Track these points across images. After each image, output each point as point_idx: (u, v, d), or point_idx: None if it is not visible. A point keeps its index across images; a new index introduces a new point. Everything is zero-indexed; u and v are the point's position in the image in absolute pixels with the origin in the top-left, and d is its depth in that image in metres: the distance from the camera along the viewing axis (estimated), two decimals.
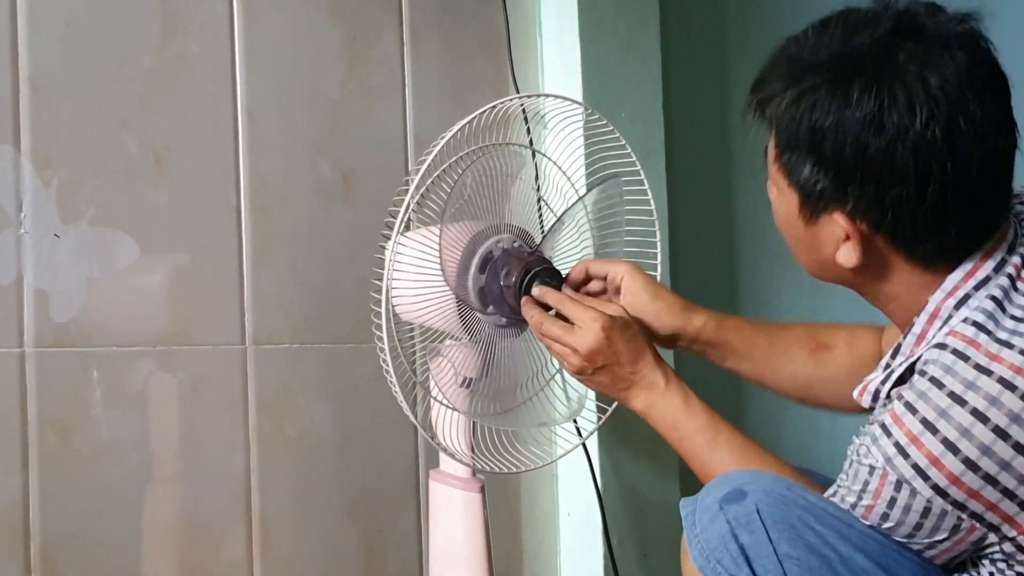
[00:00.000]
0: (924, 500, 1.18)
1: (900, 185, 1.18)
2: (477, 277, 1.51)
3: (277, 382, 1.73)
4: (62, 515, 1.50)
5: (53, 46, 1.53)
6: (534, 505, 2.09)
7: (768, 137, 1.30)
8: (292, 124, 1.78)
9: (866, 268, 1.25)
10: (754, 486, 1.24)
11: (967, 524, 1.19)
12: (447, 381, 1.53)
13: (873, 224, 1.21)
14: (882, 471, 1.20)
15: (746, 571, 1.21)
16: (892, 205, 1.19)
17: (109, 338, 1.56)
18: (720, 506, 1.23)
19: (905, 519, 1.20)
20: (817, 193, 1.22)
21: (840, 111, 1.19)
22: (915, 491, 1.18)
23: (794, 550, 1.20)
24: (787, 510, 1.22)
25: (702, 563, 1.23)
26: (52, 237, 1.51)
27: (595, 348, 1.45)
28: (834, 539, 1.21)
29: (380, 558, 1.84)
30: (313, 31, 1.82)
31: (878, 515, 1.22)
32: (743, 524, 1.21)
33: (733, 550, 1.21)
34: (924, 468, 1.17)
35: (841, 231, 1.23)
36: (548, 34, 2.17)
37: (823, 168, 1.21)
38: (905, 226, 1.20)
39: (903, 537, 1.22)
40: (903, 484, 1.18)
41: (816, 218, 1.25)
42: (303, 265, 1.78)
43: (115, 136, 1.58)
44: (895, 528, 1.22)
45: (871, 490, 1.21)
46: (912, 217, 1.19)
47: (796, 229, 1.29)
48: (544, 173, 1.68)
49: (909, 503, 1.19)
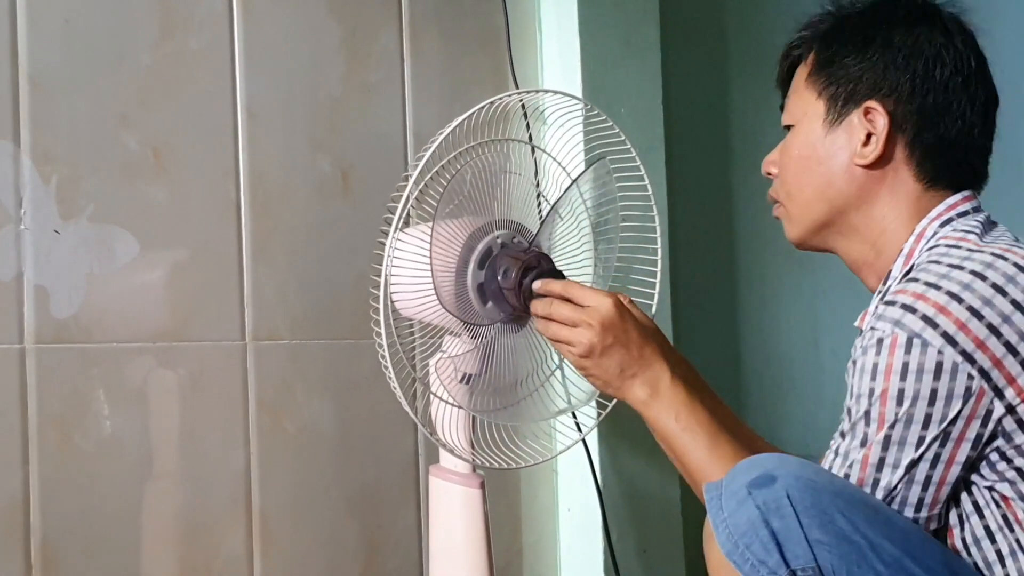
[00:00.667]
0: (935, 353, 1.24)
1: (933, 91, 1.39)
2: (476, 273, 1.51)
3: (277, 378, 1.73)
4: (62, 511, 1.50)
5: (52, 42, 1.53)
6: (534, 501, 2.10)
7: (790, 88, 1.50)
8: (291, 120, 1.78)
9: (874, 176, 1.41)
10: (783, 471, 1.22)
11: (977, 386, 1.24)
12: (447, 377, 1.53)
13: (902, 112, 1.39)
14: (891, 336, 1.25)
15: (776, 557, 1.19)
16: (927, 96, 1.39)
17: (109, 334, 1.56)
18: (749, 491, 1.22)
19: (919, 388, 1.24)
20: (851, 88, 1.41)
21: (888, 27, 1.42)
22: (926, 343, 1.24)
23: (825, 536, 1.19)
24: (817, 495, 1.21)
25: (730, 548, 1.21)
26: (52, 233, 1.51)
27: (608, 321, 1.45)
28: (863, 525, 1.20)
29: (380, 554, 1.85)
30: (312, 27, 1.82)
31: (892, 403, 1.25)
32: (773, 509, 1.20)
33: (763, 535, 1.20)
34: (932, 316, 1.25)
35: (863, 131, 1.40)
36: (548, 30, 2.17)
37: (868, 59, 1.40)
38: (924, 125, 1.39)
39: (920, 424, 1.25)
40: (913, 340, 1.24)
41: (840, 120, 1.42)
42: (303, 261, 1.78)
43: (115, 132, 1.58)
44: (912, 412, 1.24)
45: (880, 372, 1.26)
46: (933, 119, 1.39)
47: (811, 148, 1.44)
48: (544, 169, 1.68)
49: (921, 362, 1.24)
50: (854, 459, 1.29)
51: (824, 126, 1.43)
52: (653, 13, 2.27)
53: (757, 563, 1.20)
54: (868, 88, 1.40)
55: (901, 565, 1.20)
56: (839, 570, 1.19)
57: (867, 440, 1.28)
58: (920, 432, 1.26)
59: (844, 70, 1.42)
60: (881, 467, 1.27)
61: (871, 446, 1.28)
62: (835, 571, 1.19)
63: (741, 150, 2.96)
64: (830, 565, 1.19)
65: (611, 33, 2.19)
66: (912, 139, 1.40)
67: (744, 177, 2.95)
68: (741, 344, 2.89)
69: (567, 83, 2.12)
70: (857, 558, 1.19)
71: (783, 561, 1.19)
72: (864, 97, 1.40)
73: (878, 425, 1.27)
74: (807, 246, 1.51)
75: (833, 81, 1.43)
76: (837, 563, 1.19)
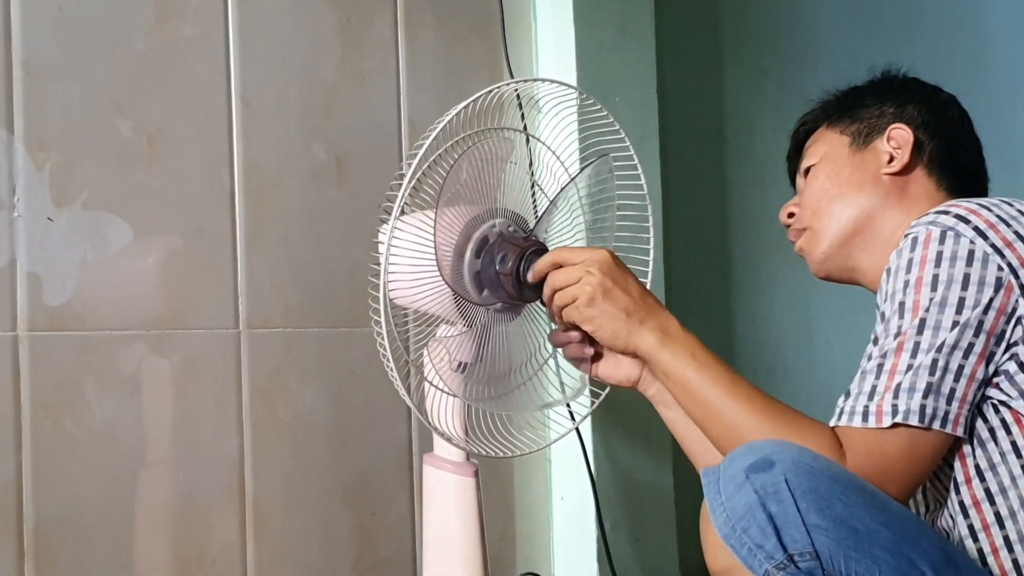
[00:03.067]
0: (967, 243, 1.31)
1: (948, 124, 1.56)
2: (473, 262, 1.51)
3: (270, 366, 1.73)
4: (55, 498, 1.50)
5: (46, 29, 1.52)
6: (527, 489, 2.10)
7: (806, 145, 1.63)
8: (286, 108, 1.78)
9: (898, 182, 1.51)
10: (781, 456, 1.23)
11: (1006, 279, 1.30)
12: (442, 365, 1.53)
13: (925, 133, 1.53)
14: (925, 233, 1.33)
15: (774, 541, 1.19)
16: (939, 126, 1.55)
17: (103, 322, 1.56)
18: (747, 475, 1.22)
19: (953, 273, 1.30)
20: (873, 123, 1.55)
21: (901, 83, 1.61)
22: (959, 234, 1.31)
23: (823, 521, 1.19)
24: (815, 481, 1.21)
25: (727, 532, 1.22)
26: (45, 220, 1.50)
27: (605, 266, 1.45)
28: (861, 511, 1.21)
29: (373, 542, 1.85)
30: (307, 15, 1.82)
31: (927, 289, 1.30)
32: (771, 493, 1.20)
33: (761, 519, 1.20)
34: (964, 215, 1.33)
35: (886, 154, 1.52)
36: (542, 18, 2.16)
37: (887, 102, 1.56)
38: (941, 147, 1.53)
39: (954, 309, 1.29)
40: (947, 232, 1.32)
41: (866, 146, 1.55)
42: (297, 249, 1.78)
43: (108, 119, 1.58)
44: (947, 295, 1.29)
45: (915, 264, 1.32)
46: (949, 138, 1.54)
47: (838, 167, 1.55)
48: (538, 158, 1.68)
49: (954, 250, 1.31)
50: (888, 348, 1.32)
51: (850, 151, 1.56)
52: (648, 1, 2.27)
53: (754, 547, 1.20)
54: (890, 120, 1.55)
55: (898, 550, 1.21)
56: (836, 555, 1.19)
57: (901, 330, 1.32)
58: (954, 316, 1.30)
59: (867, 110, 1.57)
60: (916, 352, 1.30)
61: (905, 333, 1.31)
62: (832, 556, 1.19)
63: (736, 138, 2.96)
64: (827, 550, 1.19)
65: (606, 21, 2.18)
66: (930, 159, 1.53)
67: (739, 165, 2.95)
68: (735, 333, 2.89)
69: (562, 71, 2.12)
70: (854, 543, 1.20)
71: (780, 545, 1.19)
72: (886, 127, 1.54)
73: (912, 313, 1.31)
74: (831, 266, 1.56)
75: (856, 119, 1.57)
76: (834, 548, 1.19)
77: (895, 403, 1.30)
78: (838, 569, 1.19)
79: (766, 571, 1.20)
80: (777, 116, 2.99)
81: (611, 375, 1.57)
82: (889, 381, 1.31)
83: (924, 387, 1.29)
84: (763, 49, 3.04)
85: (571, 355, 1.56)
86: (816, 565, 1.19)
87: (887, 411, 1.30)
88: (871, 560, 1.19)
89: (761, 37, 3.04)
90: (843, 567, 1.19)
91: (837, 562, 1.19)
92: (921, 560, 1.21)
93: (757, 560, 1.20)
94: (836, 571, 1.19)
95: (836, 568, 1.19)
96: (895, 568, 1.20)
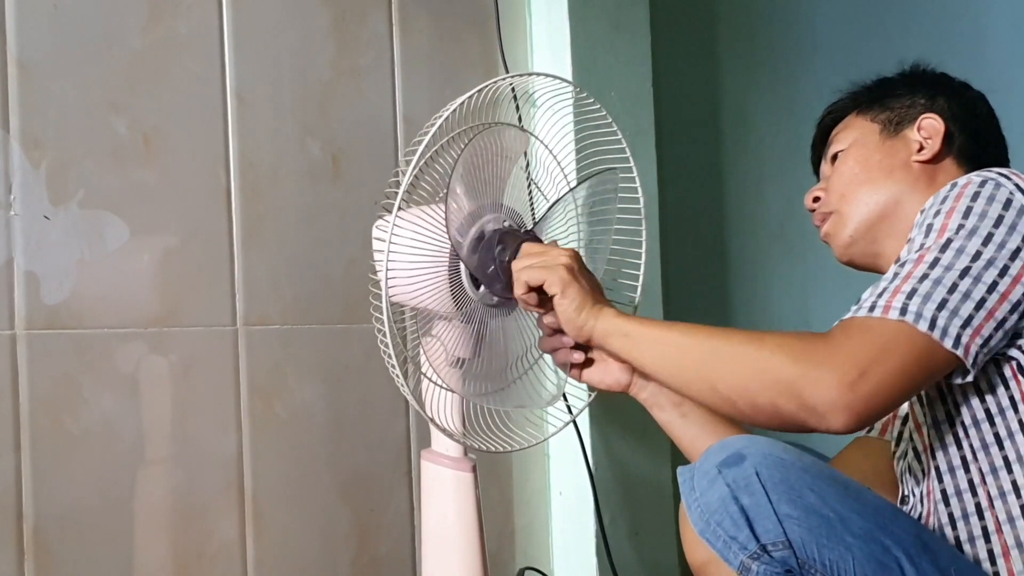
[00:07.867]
0: (1007, 192, 1.29)
1: (976, 118, 1.57)
2: (470, 257, 1.51)
3: (268, 363, 1.73)
4: (55, 497, 1.50)
5: (41, 27, 1.52)
6: (526, 484, 2.10)
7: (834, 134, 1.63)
8: (281, 105, 1.78)
9: (928, 170, 1.52)
10: (752, 450, 1.25)
11: None
12: (439, 361, 1.53)
13: (955, 124, 1.54)
14: (966, 180, 1.32)
15: (746, 532, 1.21)
16: (968, 120, 1.56)
17: (100, 320, 1.56)
18: (719, 470, 1.24)
19: (987, 209, 1.28)
20: (904, 112, 1.56)
21: (931, 75, 1.62)
22: (999, 184, 1.30)
23: (794, 510, 1.21)
24: (786, 472, 1.23)
25: (702, 527, 1.23)
26: (42, 219, 1.51)
27: (567, 249, 1.46)
28: (833, 500, 1.22)
29: (372, 537, 1.85)
30: (301, 11, 1.82)
31: (958, 216, 1.29)
32: (742, 487, 1.22)
33: (733, 512, 1.22)
34: (1007, 174, 1.31)
35: (916, 143, 1.53)
36: (537, 13, 2.17)
37: (918, 93, 1.58)
38: (969, 138, 1.54)
39: (981, 240, 1.27)
40: (988, 180, 1.31)
41: (898, 132, 1.55)
42: (293, 246, 1.78)
43: (104, 117, 1.58)
44: (977, 225, 1.27)
45: (951, 199, 1.31)
46: (977, 132, 1.55)
47: (868, 152, 1.55)
48: (533, 153, 1.68)
49: (993, 193, 1.29)
50: (907, 259, 1.30)
51: (881, 138, 1.56)
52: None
53: (728, 539, 1.22)
54: (921, 110, 1.56)
55: (871, 536, 1.22)
56: (809, 543, 1.20)
57: (924, 246, 1.30)
58: (979, 246, 1.27)
59: (898, 100, 1.58)
60: (934, 265, 1.27)
61: (928, 248, 1.29)
62: (805, 544, 1.20)
63: (731, 133, 2.96)
64: (800, 539, 1.20)
65: (601, 16, 2.19)
66: (959, 150, 1.54)
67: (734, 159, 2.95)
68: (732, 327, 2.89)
69: (557, 66, 2.12)
70: (827, 531, 1.21)
71: (753, 536, 1.21)
72: (917, 116, 1.55)
73: (938, 234, 1.29)
74: (855, 250, 1.55)
75: (887, 107, 1.58)
76: (807, 536, 1.20)
77: (907, 303, 1.26)
78: (811, 557, 1.20)
79: (741, 562, 1.21)
80: (772, 110, 2.99)
81: (601, 380, 1.57)
82: (903, 284, 1.27)
83: (939, 300, 1.25)
84: (758, 43, 3.04)
85: (560, 360, 1.56)
86: (789, 554, 1.20)
87: (896, 306, 1.26)
88: (844, 547, 1.21)
89: (756, 31, 3.05)
90: (816, 555, 1.20)
91: (810, 550, 1.20)
92: (895, 546, 1.22)
93: (732, 551, 1.22)
94: (809, 559, 1.20)
95: (809, 556, 1.20)
96: (868, 554, 1.21)
